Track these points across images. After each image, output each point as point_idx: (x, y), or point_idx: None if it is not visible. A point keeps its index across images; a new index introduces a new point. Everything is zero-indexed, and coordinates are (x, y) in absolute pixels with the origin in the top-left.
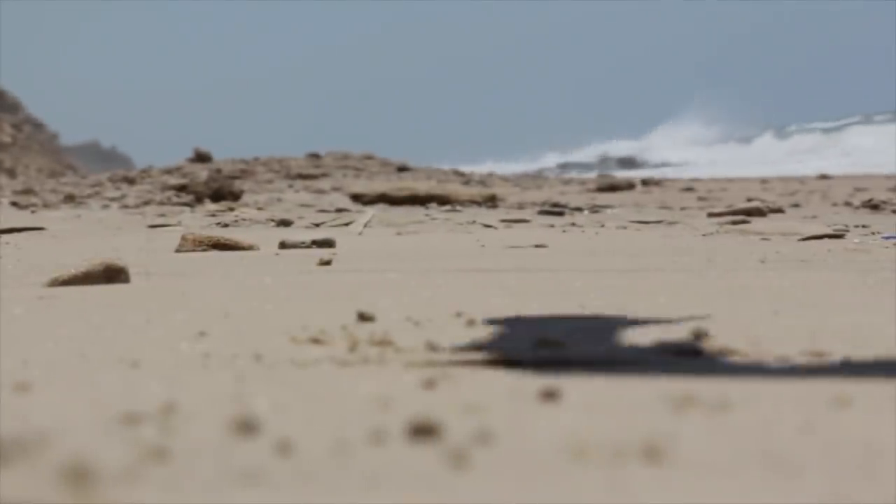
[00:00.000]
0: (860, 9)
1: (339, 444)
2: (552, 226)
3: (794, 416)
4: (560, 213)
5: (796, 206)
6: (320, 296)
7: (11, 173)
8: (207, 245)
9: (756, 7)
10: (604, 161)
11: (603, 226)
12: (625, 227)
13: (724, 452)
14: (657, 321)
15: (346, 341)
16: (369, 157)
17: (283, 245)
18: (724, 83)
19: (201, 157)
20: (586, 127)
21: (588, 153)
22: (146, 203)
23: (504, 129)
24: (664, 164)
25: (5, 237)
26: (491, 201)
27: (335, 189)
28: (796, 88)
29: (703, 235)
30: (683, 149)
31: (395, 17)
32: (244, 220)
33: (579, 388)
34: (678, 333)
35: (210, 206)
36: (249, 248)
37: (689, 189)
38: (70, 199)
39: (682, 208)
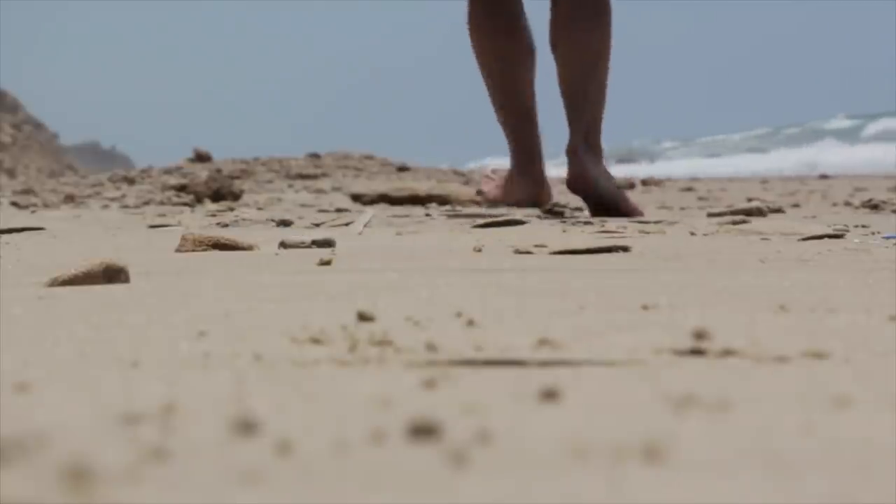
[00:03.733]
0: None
1: (339, 444)
2: (552, 225)
3: (794, 417)
4: (560, 214)
5: (796, 206)
6: (320, 296)
7: (11, 173)
8: (207, 245)
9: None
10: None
11: (603, 225)
12: (625, 227)
13: (724, 452)
14: (657, 321)
15: (346, 341)
16: (369, 157)
17: (283, 245)
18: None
19: (201, 157)
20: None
21: None
22: (146, 203)
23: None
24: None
25: (5, 237)
26: None
27: (335, 189)
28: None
29: (704, 235)
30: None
31: (396, 18)
32: (244, 220)
33: (579, 388)
34: (678, 333)
35: (210, 206)
36: (249, 248)
37: (689, 189)
38: (70, 199)
39: (682, 208)
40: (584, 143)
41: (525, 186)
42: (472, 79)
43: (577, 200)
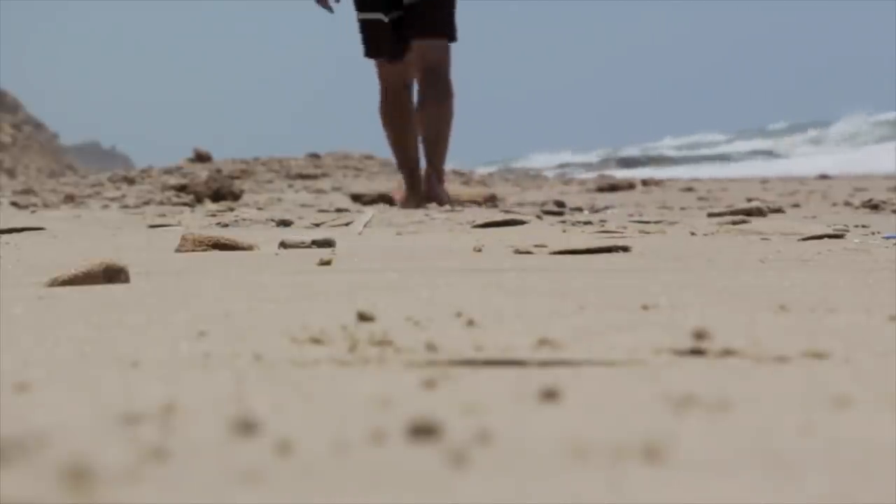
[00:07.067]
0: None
1: (339, 444)
2: (552, 225)
3: (794, 417)
4: (560, 213)
5: (796, 206)
6: (320, 296)
7: (11, 173)
8: (207, 245)
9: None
10: (605, 161)
11: (603, 225)
12: (625, 227)
13: (724, 452)
14: (657, 321)
15: (346, 341)
16: (369, 157)
17: (283, 245)
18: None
19: (201, 157)
20: (587, 127)
21: (589, 154)
22: (146, 203)
23: (504, 129)
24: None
25: (5, 237)
26: (491, 201)
27: (335, 189)
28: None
29: (704, 235)
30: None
31: None
32: (244, 220)
33: (579, 388)
34: (678, 333)
35: (210, 206)
36: (249, 248)
37: (689, 189)
38: (70, 199)
39: (682, 208)
40: (434, 170)
41: (413, 198)
42: (473, 80)
43: (576, 199)
